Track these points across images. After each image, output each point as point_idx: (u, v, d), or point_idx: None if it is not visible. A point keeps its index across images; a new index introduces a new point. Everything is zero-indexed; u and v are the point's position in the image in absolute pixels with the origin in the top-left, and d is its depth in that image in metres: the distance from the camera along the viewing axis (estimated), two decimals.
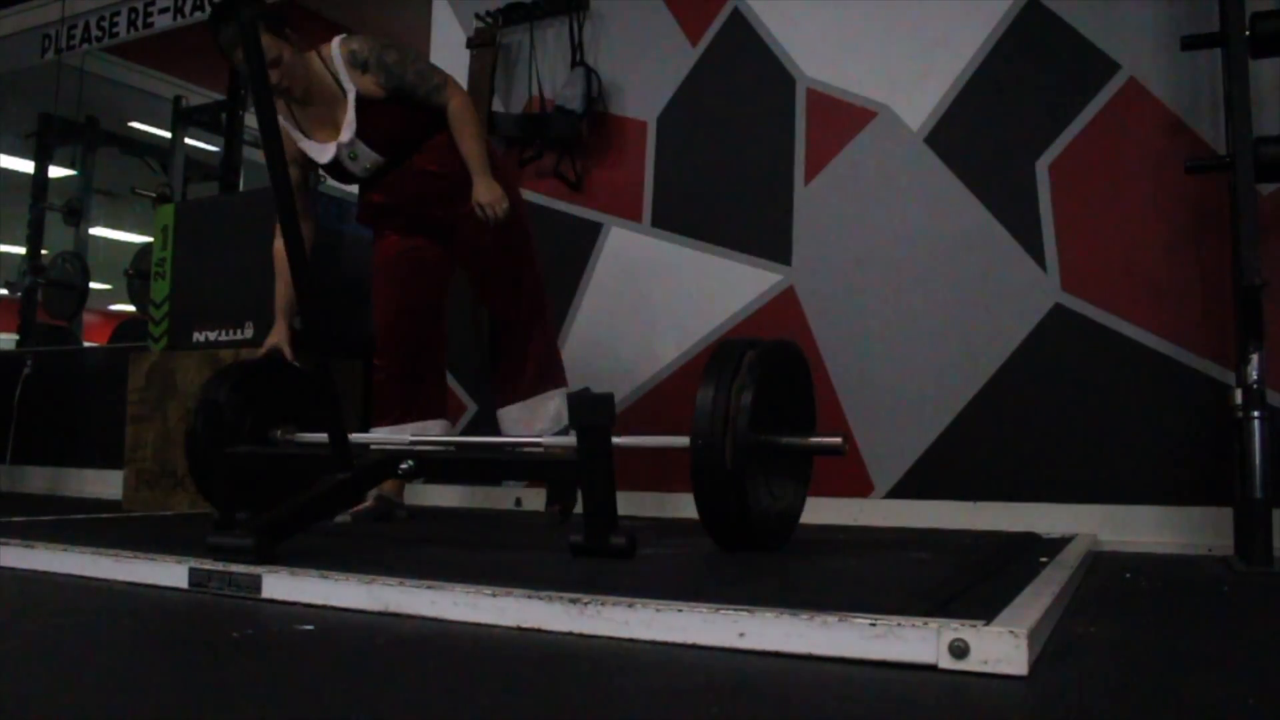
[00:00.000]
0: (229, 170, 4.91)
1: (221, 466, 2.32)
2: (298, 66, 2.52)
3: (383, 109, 2.57)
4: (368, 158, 2.62)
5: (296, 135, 2.64)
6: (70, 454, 4.47)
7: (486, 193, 2.54)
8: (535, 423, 2.71)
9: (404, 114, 2.60)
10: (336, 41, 2.59)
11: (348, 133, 2.58)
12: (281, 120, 2.62)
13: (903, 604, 1.25)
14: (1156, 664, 1.25)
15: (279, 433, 2.51)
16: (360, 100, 2.55)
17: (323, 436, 2.44)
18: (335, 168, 2.65)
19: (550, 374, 2.74)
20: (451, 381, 3.60)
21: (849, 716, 1.00)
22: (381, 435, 2.66)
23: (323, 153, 2.62)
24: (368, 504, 2.74)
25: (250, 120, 4.79)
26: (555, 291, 3.11)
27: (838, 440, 1.99)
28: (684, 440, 1.90)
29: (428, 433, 2.69)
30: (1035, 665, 1.11)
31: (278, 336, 2.66)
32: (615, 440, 2.07)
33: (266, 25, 2.49)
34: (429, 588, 1.45)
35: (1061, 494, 2.67)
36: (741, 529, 1.90)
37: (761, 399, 1.90)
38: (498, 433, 2.79)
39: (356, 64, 2.54)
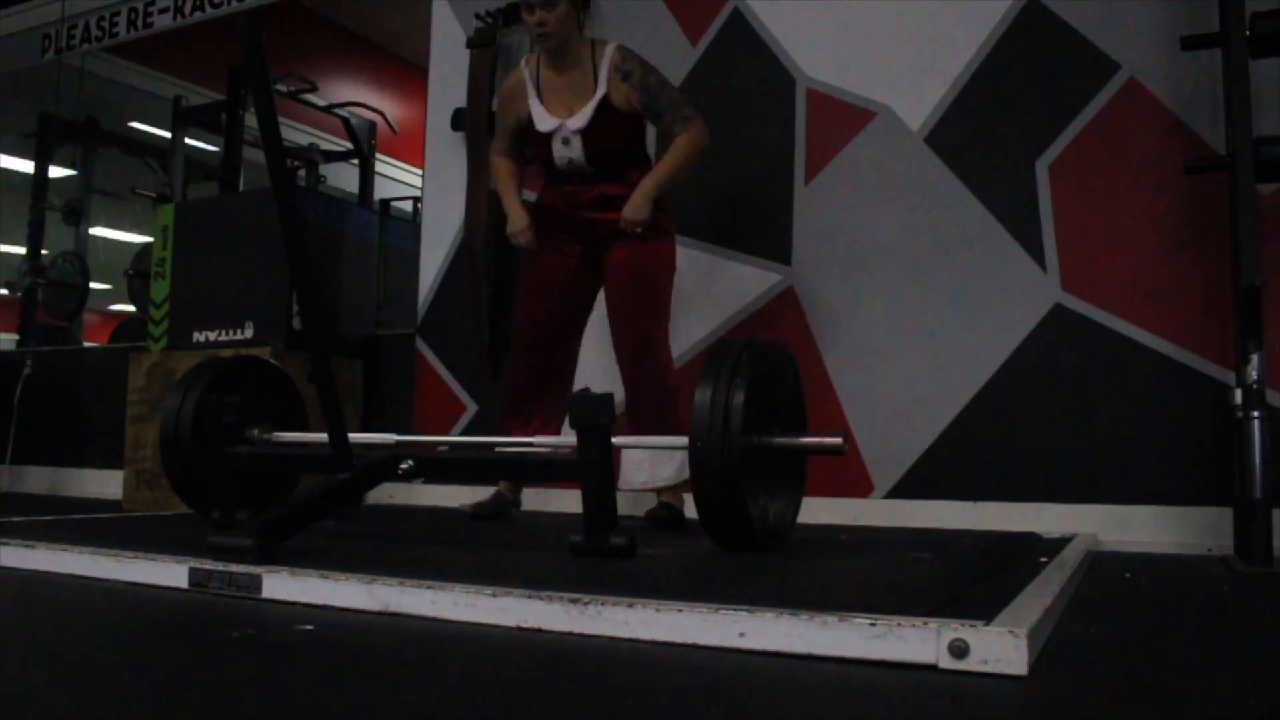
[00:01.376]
0: (229, 170, 4.91)
1: (222, 467, 2.32)
2: (569, 24, 2.57)
3: (617, 122, 2.59)
4: (577, 154, 2.63)
5: (530, 93, 2.66)
6: (70, 454, 4.47)
7: (634, 210, 2.55)
8: (660, 469, 2.73)
9: (630, 135, 2.64)
10: (613, 44, 2.64)
11: (578, 121, 2.59)
12: (525, 74, 2.68)
13: (903, 604, 1.25)
14: (1156, 664, 1.25)
15: (255, 432, 2.47)
16: (604, 103, 2.57)
17: (307, 436, 2.50)
18: (545, 140, 2.65)
19: (678, 421, 2.57)
20: (452, 381, 3.61)
21: (849, 716, 1.00)
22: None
23: (545, 121, 2.64)
24: (484, 499, 2.79)
25: (250, 120, 4.79)
26: None
27: (838, 440, 1.98)
28: (683, 440, 1.91)
29: None
30: (1035, 665, 1.11)
31: (522, 220, 2.68)
32: (615, 440, 2.06)
33: None
34: (429, 588, 1.45)
35: (1061, 494, 2.67)
36: (741, 529, 1.90)
37: (758, 400, 1.90)
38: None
39: (620, 71, 2.57)
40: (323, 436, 2.31)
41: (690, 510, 2.98)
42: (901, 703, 1.03)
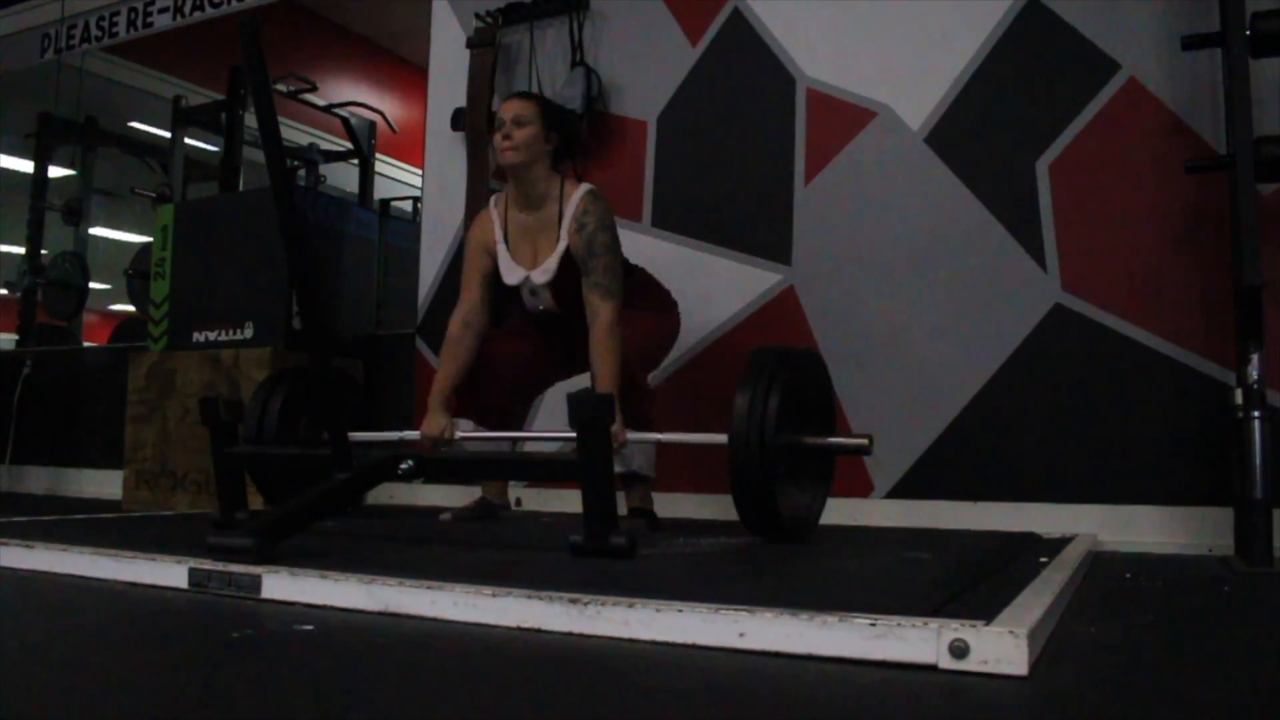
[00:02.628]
0: (229, 170, 4.90)
1: (223, 467, 2.32)
2: (535, 150, 2.50)
3: (574, 267, 2.52)
4: (545, 303, 2.61)
5: (498, 237, 2.61)
6: (70, 454, 4.47)
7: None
8: (631, 459, 2.60)
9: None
10: (584, 189, 2.55)
11: (542, 276, 2.55)
12: (494, 215, 2.62)
13: (903, 604, 1.25)
14: (1156, 664, 1.25)
15: (325, 435, 2.58)
16: (567, 254, 2.52)
17: (371, 435, 2.61)
18: (512, 291, 2.62)
19: (649, 421, 2.56)
20: None
21: (849, 716, 1.00)
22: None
23: (511, 273, 2.60)
24: (469, 504, 2.76)
25: (250, 120, 4.79)
26: None
27: (864, 441, 2.18)
28: (722, 438, 2.08)
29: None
30: (1035, 665, 1.11)
31: (436, 427, 2.47)
32: (660, 436, 2.39)
33: (541, 100, 2.57)
34: (429, 588, 1.45)
35: (1061, 494, 2.67)
36: (772, 520, 2.10)
37: (790, 403, 2.09)
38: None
39: (577, 222, 2.51)
40: (389, 435, 2.58)
41: (672, 509, 2.99)
42: (901, 703, 1.03)
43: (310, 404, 2.75)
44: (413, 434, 2.53)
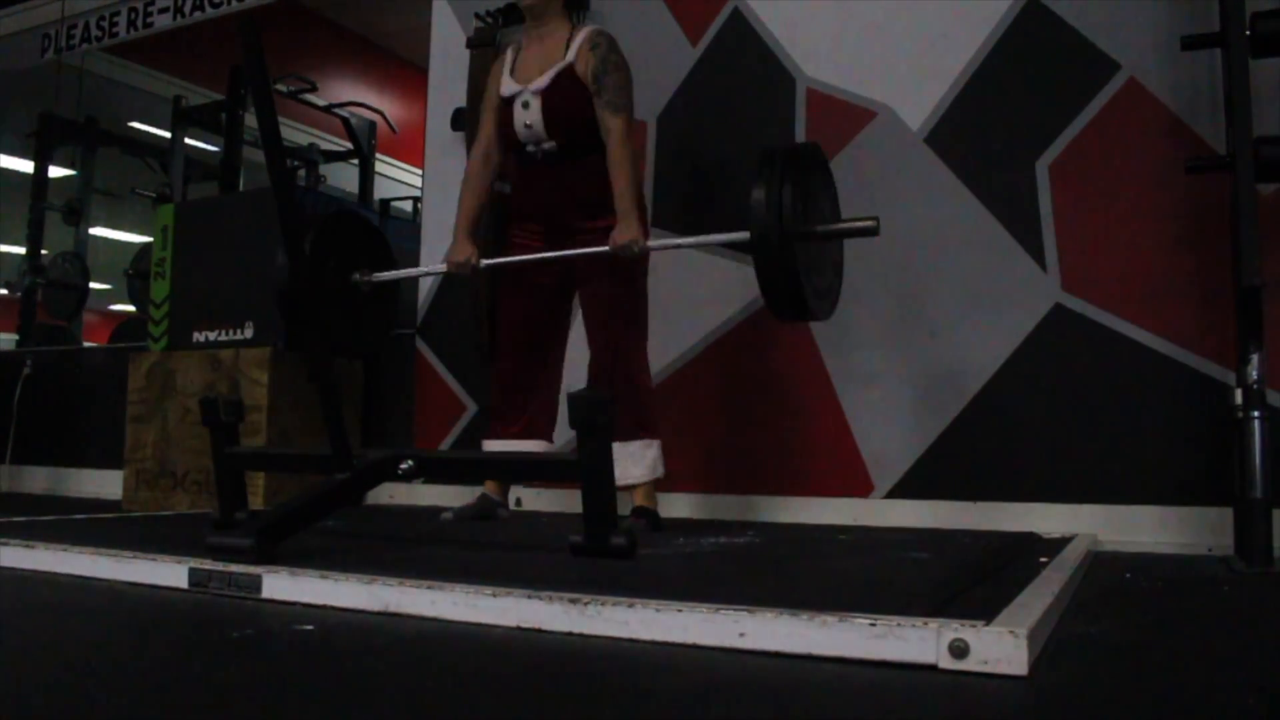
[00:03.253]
0: (229, 170, 4.91)
1: (223, 467, 2.32)
2: (552, 5, 2.62)
3: (577, 91, 2.58)
4: (535, 119, 2.60)
5: (506, 65, 2.69)
6: (70, 454, 4.47)
7: (626, 232, 2.46)
8: (631, 468, 2.57)
9: (590, 108, 2.57)
10: (596, 26, 2.71)
11: (538, 83, 2.60)
12: (509, 52, 2.72)
13: (903, 604, 1.25)
14: (1156, 664, 1.25)
15: (357, 275, 2.73)
16: (568, 70, 2.58)
17: (403, 273, 2.82)
18: (507, 106, 2.64)
19: (650, 421, 2.61)
20: (451, 381, 3.61)
21: (849, 716, 1.00)
22: (496, 447, 2.69)
23: (509, 85, 2.66)
24: (468, 503, 2.76)
25: (250, 120, 4.79)
26: None
27: (871, 222, 2.27)
28: (744, 235, 2.23)
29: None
30: (1035, 665, 1.11)
31: (462, 254, 2.65)
32: (680, 241, 2.64)
33: None
34: (429, 588, 1.45)
35: (1061, 494, 2.67)
36: (797, 299, 2.24)
37: (801, 194, 2.23)
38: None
39: (590, 43, 2.59)
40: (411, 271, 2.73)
41: (672, 509, 2.99)
42: (901, 703, 1.03)
43: (363, 244, 2.84)
44: (440, 267, 2.72)
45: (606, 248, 2.47)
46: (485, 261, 2.64)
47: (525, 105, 2.61)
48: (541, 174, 2.66)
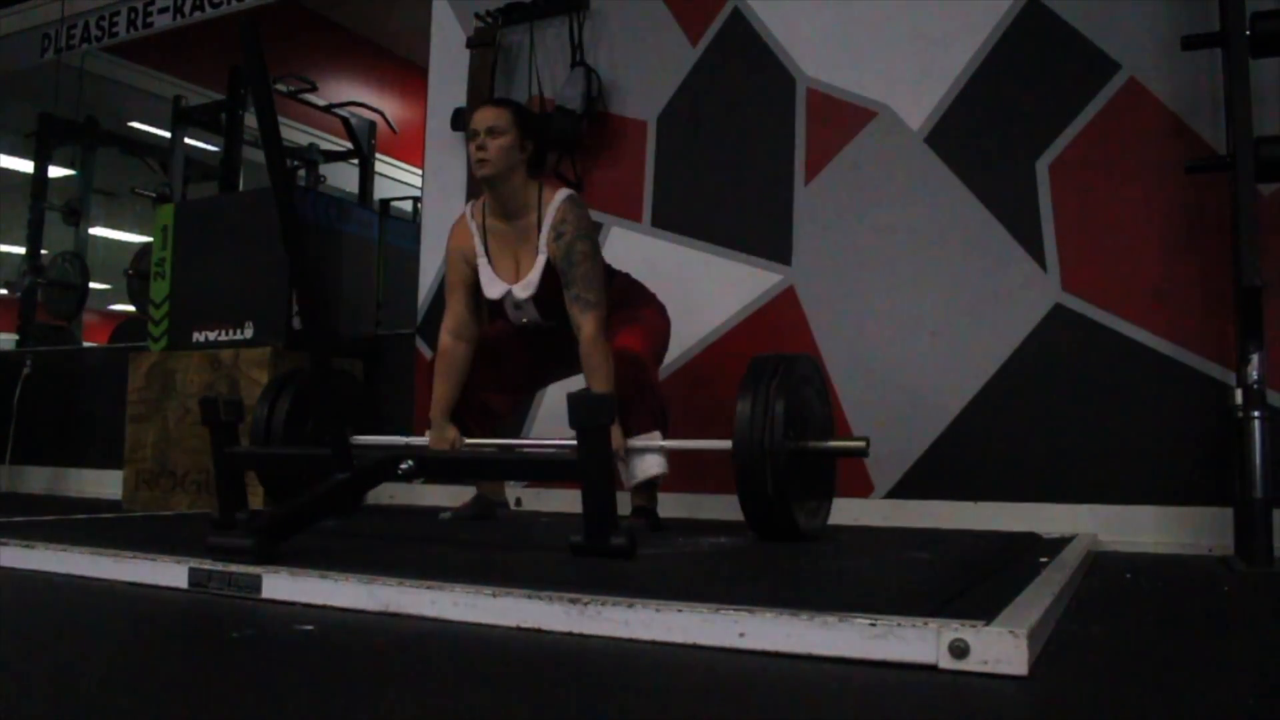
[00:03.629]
0: (229, 170, 4.90)
1: (223, 467, 2.32)
2: (511, 159, 2.44)
3: (558, 279, 2.48)
4: (531, 315, 2.58)
5: (478, 248, 2.56)
6: (70, 454, 4.47)
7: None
8: (633, 467, 2.52)
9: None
10: (562, 196, 2.49)
11: (525, 291, 2.51)
12: (472, 226, 2.56)
13: (903, 604, 1.25)
14: (1157, 664, 1.25)
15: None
16: (548, 266, 2.49)
17: (380, 439, 2.65)
18: (495, 304, 2.60)
19: (663, 418, 2.54)
20: None
21: (849, 716, 1.00)
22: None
23: (493, 287, 2.55)
24: (466, 503, 2.75)
25: (250, 120, 4.79)
26: None
27: (861, 444, 2.22)
28: (726, 444, 2.12)
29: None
30: (1035, 665, 1.11)
31: (445, 442, 2.51)
32: (663, 443, 2.41)
33: (515, 107, 2.49)
34: (429, 588, 1.45)
35: (1061, 494, 2.67)
36: (785, 524, 2.14)
37: (792, 410, 2.13)
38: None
39: (555, 231, 2.45)
40: (394, 439, 2.61)
41: (672, 510, 2.99)
42: (901, 703, 1.03)
43: (313, 406, 2.75)
44: (420, 440, 2.55)
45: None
46: (468, 441, 2.53)
47: (518, 306, 2.56)
48: (531, 331, 2.65)
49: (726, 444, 2.12)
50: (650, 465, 2.51)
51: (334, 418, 2.10)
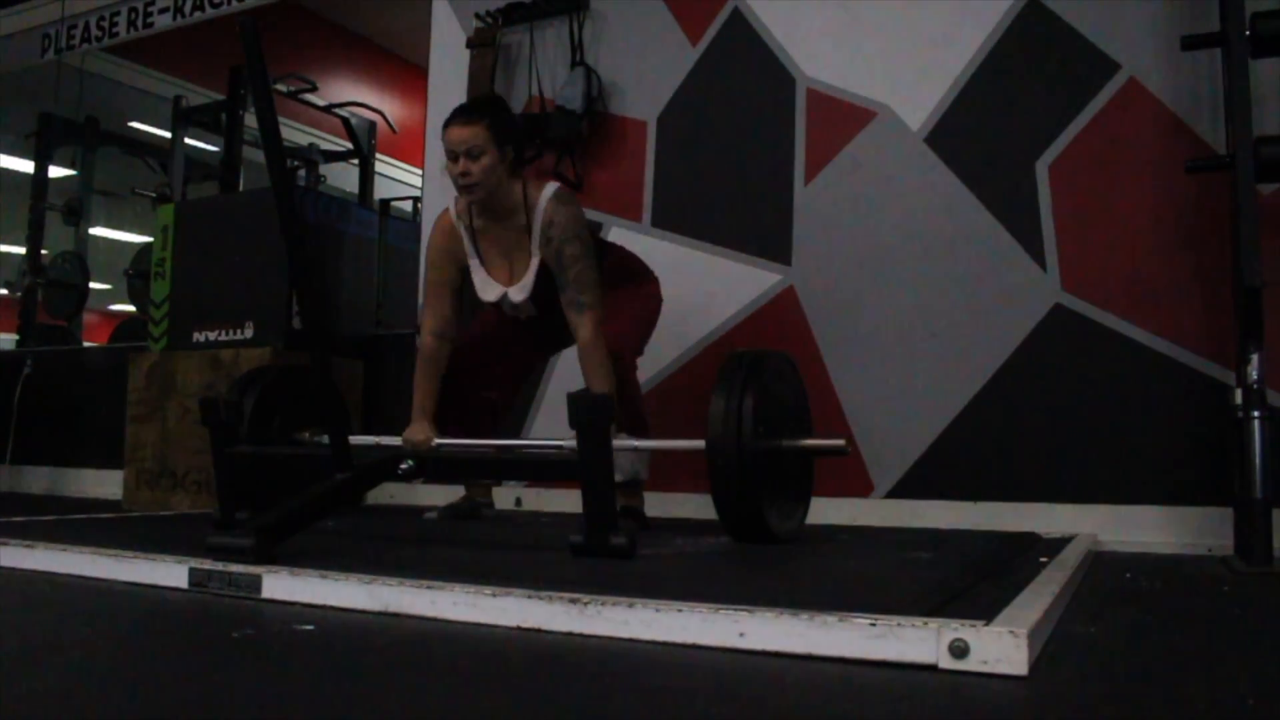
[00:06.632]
0: (229, 170, 4.90)
1: (223, 466, 2.32)
2: (496, 174, 2.40)
3: (552, 275, 2.48)
4: (526, 312, 2.58)
5: (469, 249, 2.55)
6: (70, 454, 4.47)
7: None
8: (641, 466, 2.55)
9: None
10: (548, 192, 2.45)
11: (520, 294, 2.51)
12: (460, 226, 2.54)
13: (903, 604, 1.25)
14: (1156, 664, 1.25)
15: (307, 435, 2.59)
16: (542, 266, 2.48)
17: (355, 439, 2.49)
18: (491, 303, 2.60)
19: (641, 423, 2.57)
20: None
21: (849, 716, 1.00)
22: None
23: (488, 290, 2.55)
24: (454, 502, 2.74)
25: (250, 120, 4.79)
26: None
27: (840, 442, 2.15)
28: (699, 444, 2.07)
29: None
30: (1035, 665, 1.11)
31: (420, 435, 2.43)
32: (637, 443, 2.34)
33: (489, 119, 2.39)
34: (429, 588, 1.45)
35: (1061, 494, 2.67)
36: (756, 525, 2.07)
37: (765, 407, 2.07)
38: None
39: (542, 235, 2.44)
40: (368, 439, 2.54)
41: (672, 510, 2.99)
42: (901, 703, 1.03)
43: (313, 402, 2.72)
44: (393, 439, 2.48)
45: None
46: (438, 441, 2.43)
47: (514, 306, 2.56)
48: (523, 322, 2.66)
49: (700, 444, 2.08)
50: (633, 468, 2.52)
51: (335, 417, 2.10)
